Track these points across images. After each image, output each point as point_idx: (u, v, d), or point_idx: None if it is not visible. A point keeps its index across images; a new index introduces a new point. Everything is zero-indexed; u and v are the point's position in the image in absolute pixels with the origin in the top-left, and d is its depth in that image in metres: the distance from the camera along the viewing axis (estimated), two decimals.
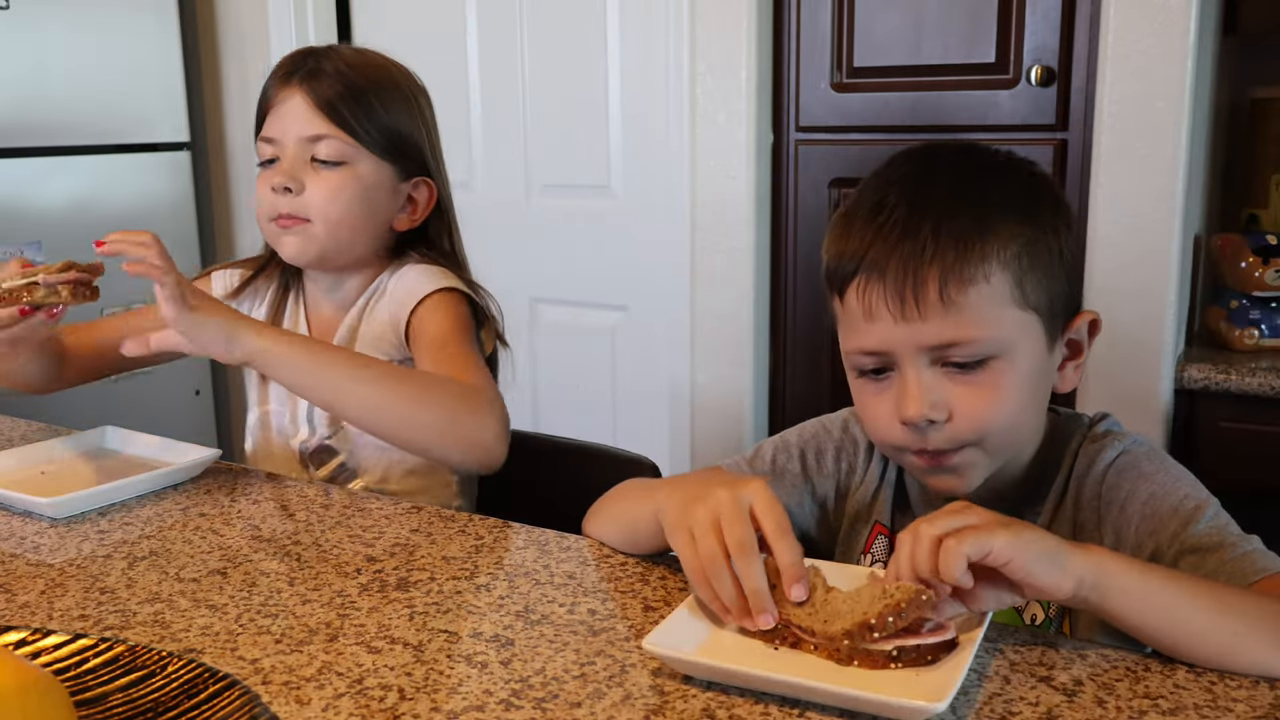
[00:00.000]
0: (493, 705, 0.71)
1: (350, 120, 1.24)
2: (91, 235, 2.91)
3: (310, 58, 1.27)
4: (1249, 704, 0.70)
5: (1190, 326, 1.98)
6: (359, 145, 1.25)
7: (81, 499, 1.08)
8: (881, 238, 0.88)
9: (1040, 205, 0.91)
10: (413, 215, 1.32)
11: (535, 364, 2.58)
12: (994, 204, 0.89)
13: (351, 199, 1.25)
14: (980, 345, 0.86)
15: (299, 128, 1.24)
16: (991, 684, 0.73)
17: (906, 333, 0.87)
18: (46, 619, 0.85)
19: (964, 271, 0.85)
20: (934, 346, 0.87)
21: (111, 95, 2.61)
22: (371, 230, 1.29)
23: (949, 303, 0.85)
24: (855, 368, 0.93)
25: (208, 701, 0.67)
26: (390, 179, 1.28)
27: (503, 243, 2.58)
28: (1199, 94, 1.80)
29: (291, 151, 1.25)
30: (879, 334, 0.88)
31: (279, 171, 1.25)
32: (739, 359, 2.24)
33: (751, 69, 2.14)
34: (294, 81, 1.25)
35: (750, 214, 2.18)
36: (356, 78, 1.26)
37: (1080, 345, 0.94)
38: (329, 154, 1.24)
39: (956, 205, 0.88)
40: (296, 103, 1.25)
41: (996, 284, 0.86)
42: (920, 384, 0.87)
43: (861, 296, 0.88)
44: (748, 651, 0.76)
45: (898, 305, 0.86)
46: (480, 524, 1.05)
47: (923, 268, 0.85)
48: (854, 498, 1.03)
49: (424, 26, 2.62)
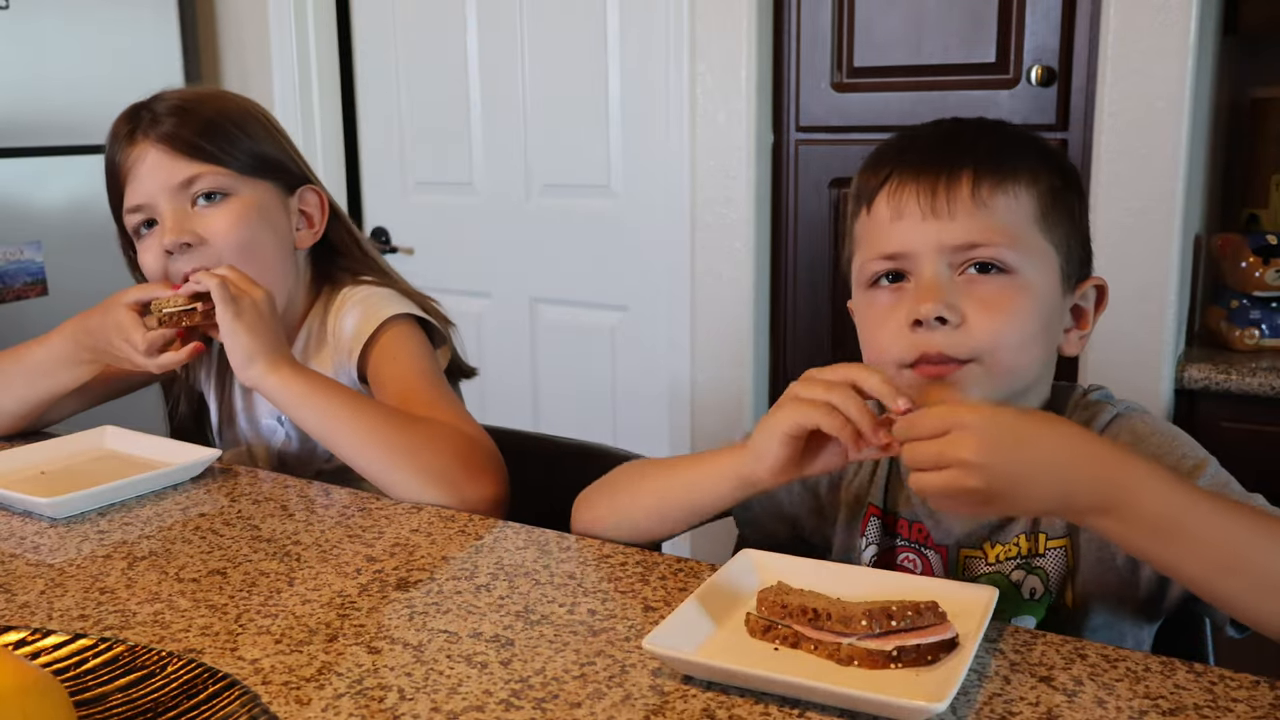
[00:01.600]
0: (493, 705, 0.71)
1: (214, 152, 1.19)
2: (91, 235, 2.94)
3: (143, 112, 1.22)
4: (1249, 704, 0.70)
5: (1190, 326, 1.98)
6: (233, 173, 1.20)
7: (81, 499, 1.08)
8: (916, 148, 0.93)
9: (1065, 167, 0.96)
10: (313, 228, 1.28)
11: (535, 364, 2.58)
12: (1025, 146, 0.94)
13: (252, 224, 1.20)
14: (1002, 251, 0.88)
15: (166, 177, 1.18)
16: (991, 684, 0.73)
17: (933, 230, 0.88)
18: (46, 619, 0.85)
19: (997, 180, 0.89)
20: (958, 246, 0.88)
21: (111, 95, 2.58)
22: (281, 260, 1.24)
23: (979, 203, 0.88)
24: (870, 276, 0.93)
25: (208, 701, 0.67)
26: (276, 196, 1.24)
27: (503, 243, 2.58)
28: (1199, 94, 1.80)
29: (168, 207, 1.18)
30: (903, 233, 0.90)
31: (166, 230, 1.18)
32: (739, 359, 2.24)
33: (751, 69, 2.14)
34: (139, 137, 1.20)
35: (750, 214, 2.18)
36: (199, 110, 1.21)
37: (1086, 314, 0.96)
38: (210, 187, 1.19)
39: (990, 136, 0.94)
40: (154, 156, 1.19)
41: (1024, 203, 0.90)
42: (938, 283, 0.88)
43: (891, 197, 0.91)
44: (748, 651, 0.76)
45: (928, 200, 0.89)
46: (480, 524, 1.04)
47: (957, 168, 0.89)
48: (850, 485, 1.03)
49: (424, 27, 2.62)
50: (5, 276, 2.41)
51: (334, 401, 1.12)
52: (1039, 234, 0.90)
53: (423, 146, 2.68)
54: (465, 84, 2.57)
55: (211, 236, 1.19)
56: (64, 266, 2.51)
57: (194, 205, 1.19)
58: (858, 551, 1.00)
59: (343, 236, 1.32)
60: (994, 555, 0.94)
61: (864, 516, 1.01)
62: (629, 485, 1.03)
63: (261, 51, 2.77)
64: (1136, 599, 0.90)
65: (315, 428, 1.13)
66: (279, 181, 1.25)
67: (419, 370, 1.20)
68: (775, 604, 0.78)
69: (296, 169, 1.28)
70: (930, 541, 0.96)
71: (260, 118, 1.28)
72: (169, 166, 1.19)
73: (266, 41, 2.75)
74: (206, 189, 1.19)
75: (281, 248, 1.24)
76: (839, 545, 1.03)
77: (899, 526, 0.99)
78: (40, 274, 2.47)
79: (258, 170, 1.23)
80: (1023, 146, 0.93)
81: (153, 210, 1.20)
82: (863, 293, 0.95)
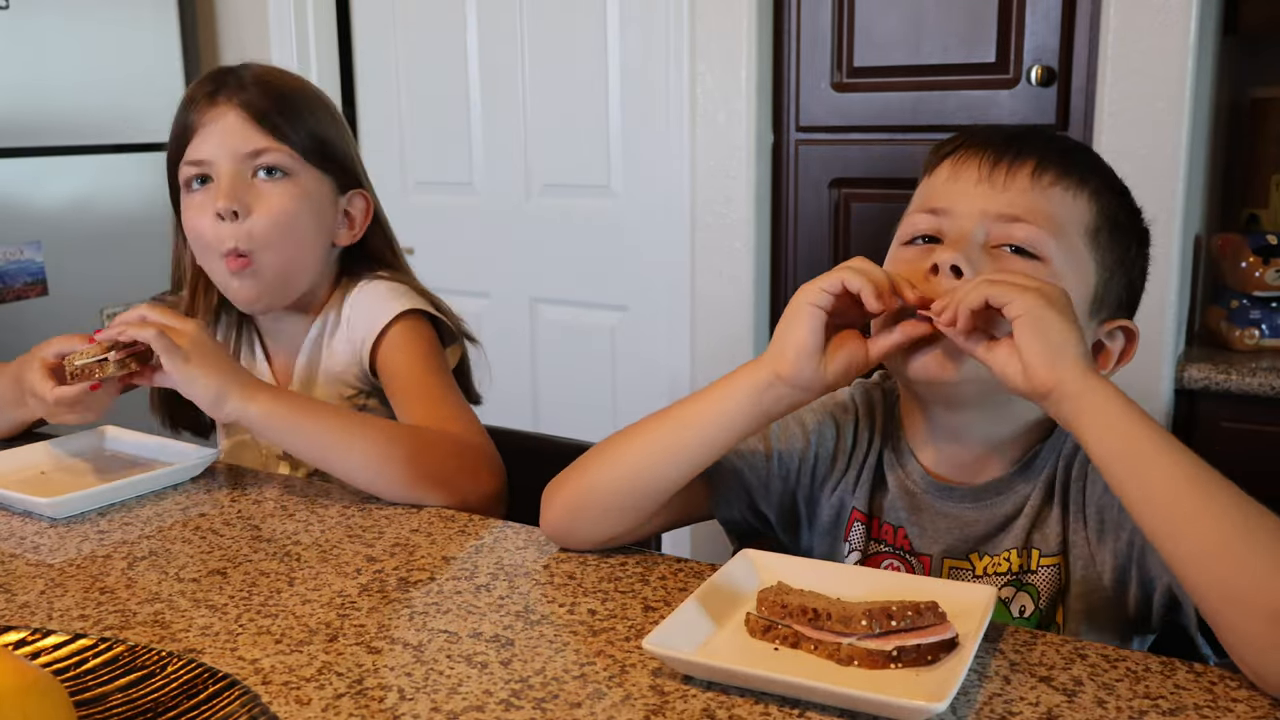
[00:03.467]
0: (493, 705, 0.71)
1: (287, 131, 1.21)
2: (91, 235, 2.94)
3: (230, 76, 1.23)
4: (1249, 704, 0.70)
5: (1190, 326, 1.98)
6: (299, 157, 1.22)
7: (81, 499, 1.08)
8: (991, 131, 0.94)
9: (1136, 214, 0.96)
10: (352, 230, 1.29)
11: (535, 364, 2.58)
12: (1105, 169, 0.95)
13: (301, 209, 1.22)
14: (1040, 236, 0.87)
15: (236, 143, 1.19)
16: (991, 684, 0.73)
17: (983, 195, 0.89)
18: (46, 619, 0.85)
19: (1060, 173, 0.89)
20: (1001, 216, 0.88)
21: (111, 95, 2.61)
22: (317, 250, 1.26)
23: (1036, 184, 0.88)
24: (908, 233, 0.93)
25: (208, 701, 0.67)
26: (330, 192, 1.26)
27: (503, 243, 2.58)
28: (1199, 94, 1.80)
29: (229, 170, 1.19)
30: (954, 192, 0.90)
31: (220, 193, 1.19)
32: (739, 359, 2.23)
33: (751, 69, 2.14)
34: (220, 99, 1.21)
35: (750, 214, 2.18)
36: (282, 88, 1.23)
37: (1108, 354, 0.93)
38: (274, 163, 1.20)
39: (1067, 143, 0.96)
40: (231, 119, 1.20)
41: (1080, 207, 0.90)
42: (967, 242, 0.88)
43: (954, 164, 0.92)
44: (748, 651, 0.76)
45: (988, 168, 0.90)
46: (480, 524, 1.04)
47: (1024, 152, 0.90)
48: (837, 488, 1.01)
49: (424, 27, 2.62)
50: (5, 276, 2.41)
51: (316, 411, 1.12)
52: (1085, 242, 0.89)
53: (422, 146, 2.68)
54: (465, 84, 2.57)
55: (261, 211, 1.20)
56: (64, 266, 2.51)
57: (254, 175, 1.21)
58: (840, 557, 0.98)
59: (380, 245, 1.34)
60: (981, 568, 0.93)
61: (848, 521, 1.00)
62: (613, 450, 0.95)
63: (261, 51, 2.77)
64: (1126, 618, 0.89)
65: (305, 448, 1.11)
66: (334, 176, 1.27)
67: (426, 364, 1.21)
68: (775, 604, 0.78)
69: (353, 169, 1.30)
70: (910, 547, 0.95)
71: (333, 111, 1.30)
72: (242, 133, 1.20)
73: (266, 41, 2.75)
74: (269, 164, 1.21)
75: (319, 239, 1.26)
76: (820, 551, 1.01)
77: (883, 532, 0.98)
78: (40, 274, 2.47)
79: (320, 160, 1.24)
80: (1097, 165, 0.94)
81: (212, 169, 1.21)
82: (896, 249, 0.94)
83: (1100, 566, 0.89)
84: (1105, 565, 0.88)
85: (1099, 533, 0.89)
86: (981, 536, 0.93)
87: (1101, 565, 0.89)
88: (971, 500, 0.94)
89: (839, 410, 1.02)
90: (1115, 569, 0.88)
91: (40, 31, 2.45)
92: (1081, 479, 0.91)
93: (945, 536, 0.94)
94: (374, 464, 1.09)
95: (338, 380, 1.27)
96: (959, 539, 0.94)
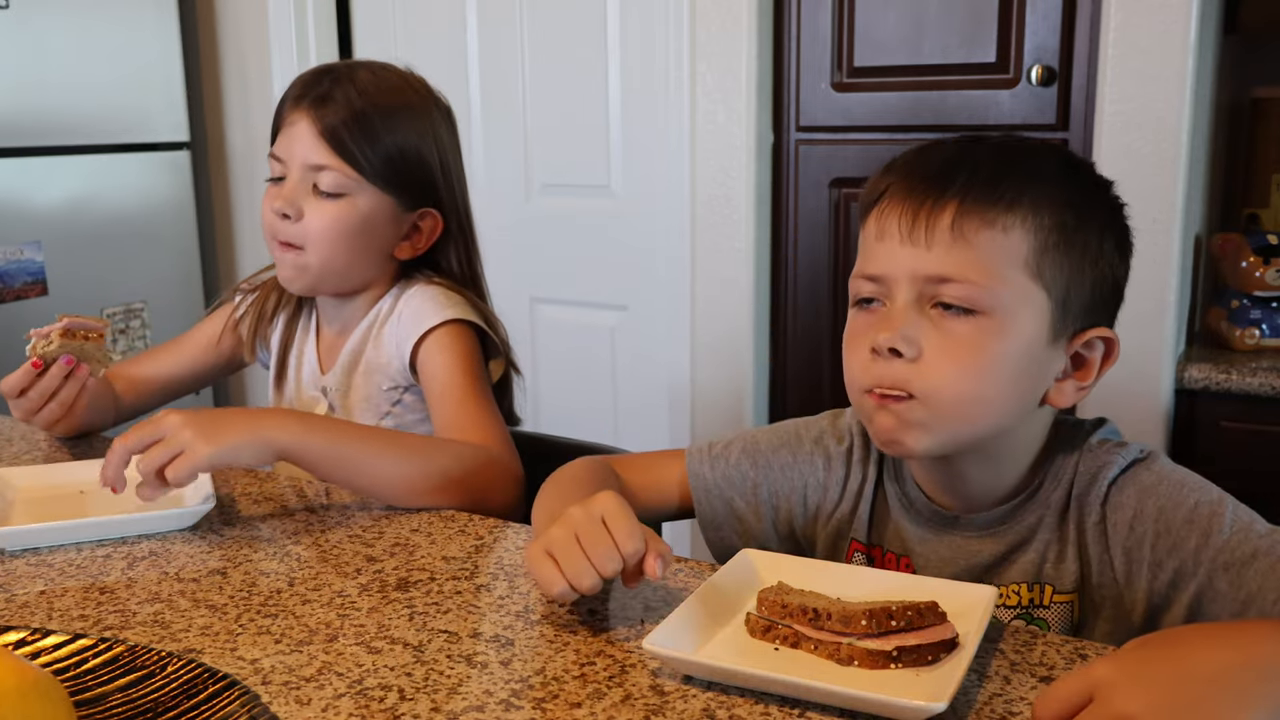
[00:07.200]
0: (493, 705, 0.71)
1: (354, 151, 1.23)
2: (91, 235, 2.92)
3: (325, 80, 1.25)
4: None
5: (1191, 326, 1.98)
6: (360, 177, 1.23)
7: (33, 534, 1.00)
8: (916, 166, 0.88)
9: (1097, 205, 0.89)
10: (415, 244, 1.30)
11: (535, 364, 2.58)
12: (1045, 174, 0.87)
13: (347, 232, 1.24)
14: (974, 291, 0.83)
15: (303, 153, 1.23)
16: (991, 684, 0.72)
17: (908, 257, 0.85)
18: (46, 619, 0.85)
19: (984, 212, 0.84)
20: (929, 278, 0.84)
21: (111, 95, 2.61)
22: (369, 260, 1.28)
23: (958, 237, 0.84)
24: (854, 297, 0.91)
25: (207, 701, 0.67)
26: (391, 210, 1.27)
27: (503, 243, 2.58)
28: (1199, 94, 1.80)
29: (295, 175, 1.24)
30: (883, 256, 0.87)
31: (281, 196, 1.25)
32: (739, 359, 2.24)
33: (751, 69, 2.14)
34: (304, 105, 1.24)
35: (750, 214, 2.18)
36: (365, 105, 1.24)
37: (1089, 365, 0.90)
38: (329, 186, 1.23)
39: (1006, 161, 0.88)
40: (303, 128, 1.23)
41: (1014, 241, 0.84)
42: (902, 314, 0.85)
43: (880, 217, 0.88)
44: (748, 651, 0.76)
45: (908, 225, 0.85)
46: (480, 524, 1.04)
47: (944, 196, 0.85)
48: (830, 519, 1.01)
49: (424, 27, 2.62)
50: (5, 276, 2.41)
51: (345, 433, 1.11)
52: (1027, 276, 0.84)
53: None
54: (465, 84, 2.57)
55: (307, 225, 1.24)
56: (64, 266, 2.51)
57: (314, 188, 1.24)
58: None
59: (453, 263, 1.34)
60: None
61: (847, 551, 0.99)
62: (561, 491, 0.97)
63: (261, 52, 2.77)
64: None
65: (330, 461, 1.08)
66: (401, 194, 1.27)
67: (464, 368, 1.23)
68: (775, 604, 0.78)
69: (432, 185, 1.29)
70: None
71: (425, 121, 1.29)
72: (309, 145, 1.23)
73: (266, 42, 2.75)
74: (325, 186, 1.23)
75: (368, 254, 1.28)
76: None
77: (885, 561, 0.97)
78: (40, 274, 2.47)
79: (385, 179, 1.25)
80: (1033, 176, 0.87)
81: (284, 170, 1.26)
82: (850, 311, 0.92)
83: (1129, 605, 0.87)
84: (1136, 604, 0.86)
85: (1126, 574, 0.87)
86: (987, 566, 0.92)
87: (1131, 604, 0.87)
88: (976, 530, 0.93)
89: (832, 439, 1.02)
90: (1148, 606, 0.86)
91: (40, 31, 2.45)
92: (1100, 521, 0.88)
93: (950, 566, 0.93)
94: (401, 480, 1.09)
95: (379, 370, 1.29)
96: (964, 569, 0.92)
